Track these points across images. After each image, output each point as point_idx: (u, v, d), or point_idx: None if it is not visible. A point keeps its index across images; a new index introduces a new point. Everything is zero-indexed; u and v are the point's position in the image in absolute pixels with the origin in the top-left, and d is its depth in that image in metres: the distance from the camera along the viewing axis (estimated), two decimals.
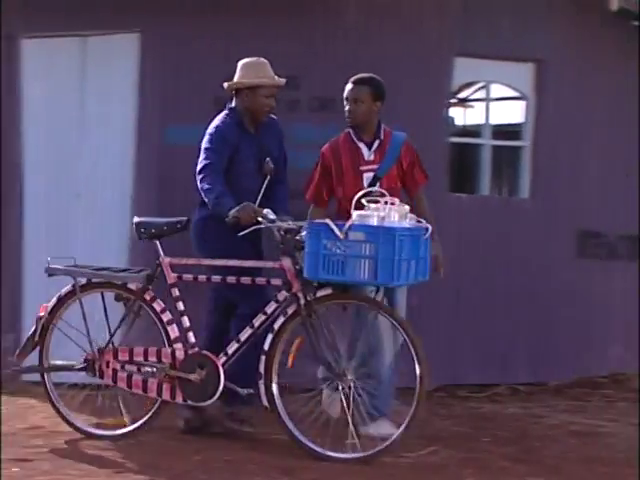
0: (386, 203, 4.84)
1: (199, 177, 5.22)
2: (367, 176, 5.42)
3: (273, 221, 5.02)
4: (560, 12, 6.98)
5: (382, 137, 5.46)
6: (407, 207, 4.98)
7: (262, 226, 5.00)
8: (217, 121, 5.39)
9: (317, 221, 4.94)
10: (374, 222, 4.80)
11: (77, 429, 5.34)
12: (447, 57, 6.77)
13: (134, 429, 5.23)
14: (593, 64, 7.25)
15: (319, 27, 6.58)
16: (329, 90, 6.14)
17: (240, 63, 5.46)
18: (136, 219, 5.31)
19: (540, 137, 7.08)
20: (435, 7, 6.73)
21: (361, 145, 5.47)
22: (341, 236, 4.76)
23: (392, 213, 4.84)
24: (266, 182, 5.39)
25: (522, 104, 7.26)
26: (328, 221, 4.83)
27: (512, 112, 7.86)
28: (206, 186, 5.17)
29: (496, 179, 10.59)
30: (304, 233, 4.93)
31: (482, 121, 7.47)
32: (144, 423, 5.22)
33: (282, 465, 4.81)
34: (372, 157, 5.44)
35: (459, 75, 6.94)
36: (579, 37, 7.04)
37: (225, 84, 5.45)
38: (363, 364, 5.03)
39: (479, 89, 8.74)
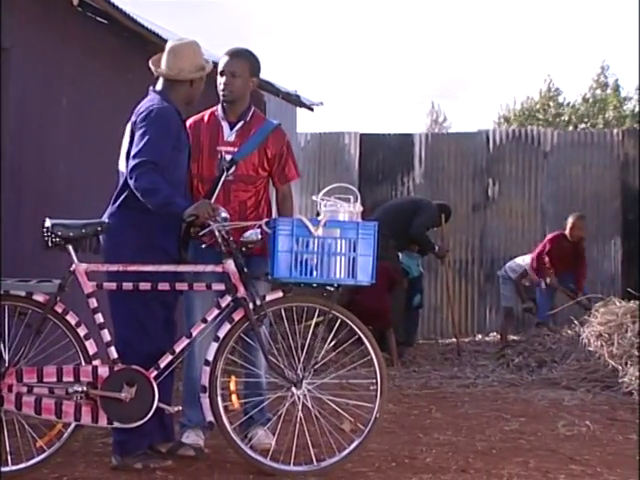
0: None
1: (136, 172, 4.52)
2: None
3: (225, 219, 4.57)
4: (24, 2, 6.59)
5: (248, 119, 5.05)
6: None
7: (213, 226, 4.53)
8: (153, 102, 4.69)
9: (288, 217, 4.64)
10: (344, 217, 4.57)
11: None
12: None
13: (41, 460, 4.51)
14: (60, 56, 6.98)
15: None
16: None
17: (181, 46, 4.79)
18: (49, 222, 4.49)
19: (3, 127, 6.48)
20: None
21: (224, 124, 5.04)
22: (315, 232, 4.47)
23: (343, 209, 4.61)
24: (223, 179, 4.93)
25: None
26: (301, 216, 4.53)
27: None
28: (147, 185, 4.50)
29: None
30: (249, 233, 4.56)
31: None
32: (55, 452, 4.53)
33: None
34: (232, 138, 5.01)
35: None
36: (45, 28, 6.72)
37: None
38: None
39: None
